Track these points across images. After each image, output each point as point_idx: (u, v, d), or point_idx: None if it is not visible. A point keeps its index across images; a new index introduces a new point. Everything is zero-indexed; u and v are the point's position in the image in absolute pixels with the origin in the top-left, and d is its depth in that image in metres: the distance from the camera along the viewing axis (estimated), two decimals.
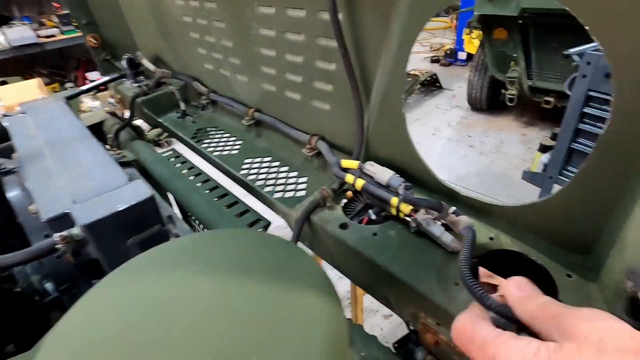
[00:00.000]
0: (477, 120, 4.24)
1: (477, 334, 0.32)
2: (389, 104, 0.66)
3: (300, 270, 0.29)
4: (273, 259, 0.30)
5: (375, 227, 0.65)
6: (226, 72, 1.20)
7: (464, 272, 0.41)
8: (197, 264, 0.29)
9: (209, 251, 0.30)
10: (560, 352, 0.27)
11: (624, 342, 0.25)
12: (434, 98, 4.91)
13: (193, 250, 0.31)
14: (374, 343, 0.63)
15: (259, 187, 0.92)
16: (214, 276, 0.27)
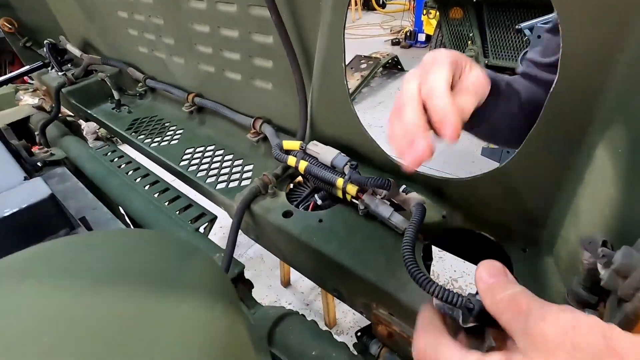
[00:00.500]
0: None
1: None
2: (329, 76, 0.60)
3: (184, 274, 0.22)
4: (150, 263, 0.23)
5: (322, 213, 0.59)
6: (161, 55, 1.09)
7: (406, 254, 0.36)
8: (51, 274, 0.21)
9: (74, 257, 0.23)
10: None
11: (597, 343, 0.21)
12: (396, 81, 4.91)
13: (54, 256, 0.23)
14: (327, 339, 0.58)
15: (200, 179, 0.83)
16: (65, 287, 0.20)
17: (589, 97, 0.37)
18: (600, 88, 0.35)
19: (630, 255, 0.25)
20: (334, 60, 0.57)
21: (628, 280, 0.25)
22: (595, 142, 0.36)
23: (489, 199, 0.51)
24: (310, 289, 2.33)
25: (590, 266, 0.30)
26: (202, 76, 0.98)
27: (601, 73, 0.35)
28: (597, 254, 0.27)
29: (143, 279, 0.21)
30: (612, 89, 0.34)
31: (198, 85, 1.03)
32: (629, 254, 0.25)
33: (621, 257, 0.25)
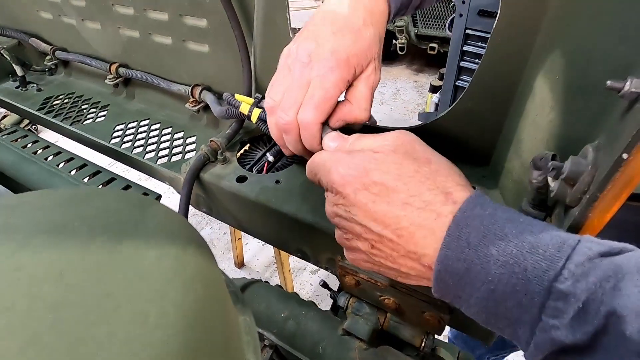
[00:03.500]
0: None
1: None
2: (272, 29, 0.56)
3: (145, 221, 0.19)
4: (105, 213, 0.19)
5: (278, 174, 0.57)
6: (71, 20, 0.94)
7: None
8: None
9: (12, 214, 0.18)
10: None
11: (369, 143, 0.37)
12: None
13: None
14: (294, 300, 0.58)
15: (137, 155, 0.75)
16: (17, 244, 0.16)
17: (527, 33, 0.39)
18: (537, 22, 0.37)
19: (578, 162, 0.27)
20: (276, 11, 0.53)
21: (576, 186, 0.27)
22: (533, 74, 0.39)
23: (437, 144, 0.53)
24: (266, 267, 2.32)
25: (539, 184, 0.32)
26: (124, 43, 0.87)
27: (537, 7, 0.36)
28: (548, 168, 0.29)
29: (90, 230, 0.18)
30: (547, 20, 0.36)
31: (121, 54, 0.91)
32: (577, 162, 0.27)
33: (570, 165, 0.27)
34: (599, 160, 0.25)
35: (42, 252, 0.15)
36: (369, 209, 0.32)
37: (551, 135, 0.36)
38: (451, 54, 2.09)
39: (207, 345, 0.17)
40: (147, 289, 0.15)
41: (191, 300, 0.17)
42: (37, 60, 1.09)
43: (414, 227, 0.30)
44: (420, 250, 0.30)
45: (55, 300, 0.14)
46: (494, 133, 0.48)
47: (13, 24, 1.08)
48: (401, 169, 0.32)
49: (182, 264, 0.18)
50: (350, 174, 0.33)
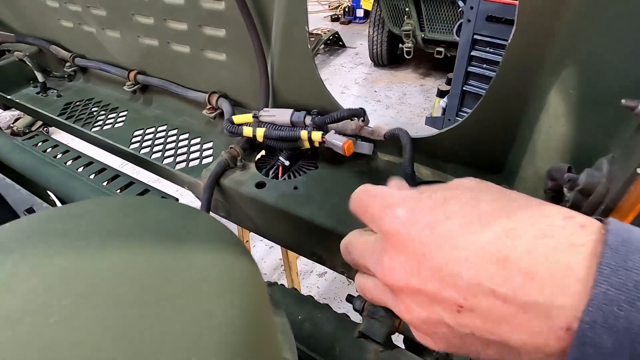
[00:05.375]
0: (380, 76, 4.41)
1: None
2: (291, 40, 0.58)
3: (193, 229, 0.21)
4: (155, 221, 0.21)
5: (296, 181, 0.59)
6: (91, 29, 0.97)
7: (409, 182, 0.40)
8: (52, 238, 0.19)
9: (73, 223, 0.20)
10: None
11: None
12: (338, 57, 4.94)
13: (49, 223, 0.21)
14: (310, 303, 0.59)
15: (156, 160, 0.78)
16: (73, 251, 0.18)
17: (541, 46, 0.40)
18: (551, 35, 0.39)
19: (593, 175, 0.28)
20: (296, 22, 0.55)
21: (592, 197, 0.29)
22: (547, 86, 0.40)
23: (453, 152, 0.55)
24: (273, 269, 2.34)
25: (553, 194, 0.34)
26: (143, 51, 0.90)
27: (552, 21, 0.38)
28: (564, 180, 0.30)
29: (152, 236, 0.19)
30: (561, 34, 0.38)
31: (139, 62, 0.94)
32: (591, 174, 0.29)
33: (585, 178, 0.29)
34: (613, 173, 0.27)
35: (115, 256, 0.17)
36: (455, 244, 0.21)
37: (565, 146, 0.37)
38: (459, 59, 2.10)
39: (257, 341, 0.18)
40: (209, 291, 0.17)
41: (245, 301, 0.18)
42: (57, 66, 1.13)
43: (532, 264, 0.19)
44: (549, 298, 0.19)
45: (134, 299, 0.15)
46: (507, 142, 0.50)
47: (34, 31, 1.12)
48: (494, 195, 0.24)
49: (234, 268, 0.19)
50: (418, 204, 0.24)
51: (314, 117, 0.55)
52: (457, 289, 0.21)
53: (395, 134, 0.52)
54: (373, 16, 4.08)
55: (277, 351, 0.22)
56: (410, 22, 3.63)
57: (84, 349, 0.13)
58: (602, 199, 0.28)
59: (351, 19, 5.94)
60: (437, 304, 0.22)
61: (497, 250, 0.20)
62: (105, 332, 0.14)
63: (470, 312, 0.21)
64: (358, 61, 4.79)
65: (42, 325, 0.14)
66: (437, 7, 3.38)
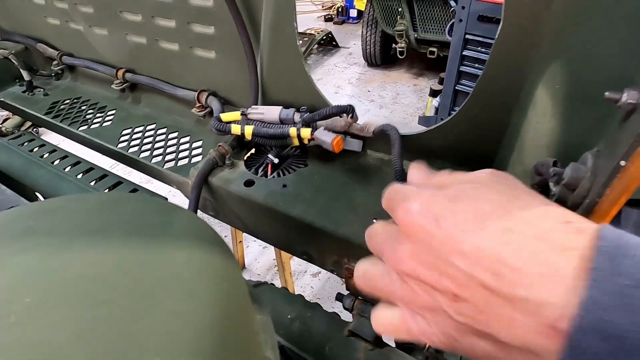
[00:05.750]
0: (373, 76, 4.41)
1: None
2: (280, 37, 0.58)
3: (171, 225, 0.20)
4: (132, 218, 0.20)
5: (285, 178, 0.59)
6: (79, 27, 0.96)
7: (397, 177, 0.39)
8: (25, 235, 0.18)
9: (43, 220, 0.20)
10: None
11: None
12: (332, 57, 4.93)
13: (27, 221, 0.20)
14: (300, 302, 0.59)
15: (144, 159, 0.77)
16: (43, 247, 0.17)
17: (528, 43, 0.40)
18: (538, 32, 0.39)
19: (578, 169, 0.28)
20: (284, 19, 0.55)
21: (577, 190, 0.28)
22: (535, 83, 0.40)
23: (442, 149, 0.55)
24: (267, 269, 2.33)
25: (540, 189, 0.33)
26: (131, 49, 0.89)
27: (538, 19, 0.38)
28: (550, 174, 0.30)
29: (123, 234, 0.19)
30: (547, 31, 0.38)
31: (128, 60, 0.93)
32: (577, 168, 0.28)
33: (570, 172, 0.28)
34: (597, 167, 0.27)
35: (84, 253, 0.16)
36: (455, 239, 0.23)
37: (552, 142, 0.37)
38: (451, 59, 2.11)
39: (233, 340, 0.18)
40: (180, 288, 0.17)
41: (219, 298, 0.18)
42: (44, 65, 1.11)
43: (522, 262, 0.20)
44: (536, 295, 0.19)
45: (100, 298, 0.15)
46: (496, 138, 0.50)
47: (20, 29, 1.10)
48: (500, 194, 0.25)
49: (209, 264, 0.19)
50: (431, 199, 0.26)
51: (303, 114, 0.55)
52: (453, 279, 0.23)
53: (385, 131, 0.51)
54: (366, 16, 4.09)
55: (257, 349, 0.21)
56: (403, 22, 3.64)
57: (43, 350, 0.13)
58: (587, 193, 0.28)
59: (344, 19, 5.94)
60: (437, 292, 0.24)
61: (491, 247, 0.22)
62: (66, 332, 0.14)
63: (465, 302, 0.22)
64: (352, 61, 4.79)
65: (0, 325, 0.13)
66: (430, 7, 3.39)
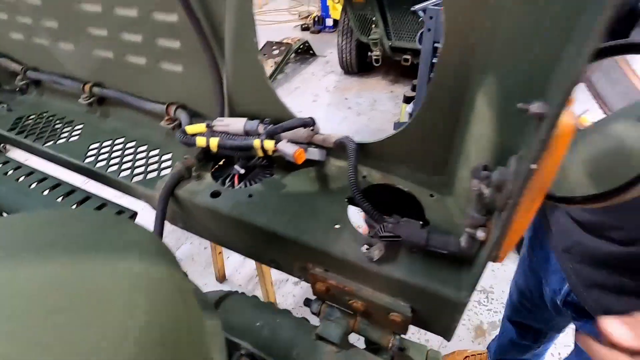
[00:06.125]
0: (350, 83, 4.48)
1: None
2: (242, 52, 0.60)
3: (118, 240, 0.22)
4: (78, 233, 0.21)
5: (251, 189, 0.60)
6: (43, 41, 0.95)
7: (352, 187, 0.41)
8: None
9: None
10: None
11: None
12: (309, 65, 4.98)
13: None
14: (269, 309, 0.60)
15: (111, 173, 0.76)
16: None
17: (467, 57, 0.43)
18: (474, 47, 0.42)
19: (504, 172, 0.31)
20: (245, 35, 0.57)
21: (503, 192, 0.31)
22: (475, 92, 0.44)
23: (400, 155, 0.57)
24: (248, 280, 2.31)
25: (478, 191, 0.36)
26: (98, 63, 0.89)
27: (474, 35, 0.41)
28: (481, 177, 0.33)
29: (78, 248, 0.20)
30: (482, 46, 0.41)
31: (95, 74, 0.92)
32: (503, 172, 0.31)
33: (497, 175, 0.31)
34: (518, 170, 0.30)
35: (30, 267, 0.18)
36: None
37: (490, 147, 0.40)
38: (422, 67, 2.18)
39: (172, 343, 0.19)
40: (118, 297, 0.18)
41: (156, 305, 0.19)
42: (8, 79, 1.08)
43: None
44: None
45: (47, 309, 0.16)
46: (447, 145, 0.53)
47: None
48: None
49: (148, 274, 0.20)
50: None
51: (267, 126, 0.57)
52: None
53: (342, 142, 0.54)
54: (341, 25, 4.16)
55: (203, 352, 0.23)
56: (377, 30, 3.73)
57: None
58: (510, 194, 0.30)
59: (321, 28, 6.02)
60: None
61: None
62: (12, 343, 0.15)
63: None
64: (329, 69, 4.85)
65: None
66: (402, 16, 3.49)
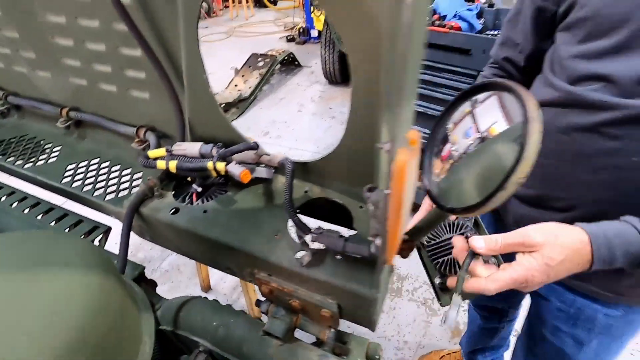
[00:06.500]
0: (334, 93, 4.59)
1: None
2: (195, 85, 0.68)
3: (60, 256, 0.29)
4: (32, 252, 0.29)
5: (206, 205, 0.68)
6: (23, 69, 1.02)
7: (286, 203, 0.50)
8: None
9: None
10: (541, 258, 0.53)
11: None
12: (295, 76, 5.09)
13: None
14: (226, 311, 0.67)
15: (86, 193, 0.84)
16: None
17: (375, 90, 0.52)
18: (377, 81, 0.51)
19: (378, 193, 0.40)
20: (196, 72, 0.65)
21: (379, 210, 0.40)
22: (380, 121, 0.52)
23: (333, 172, 0.66)
24: (232, 289, 2.36)
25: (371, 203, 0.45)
26: (74, 89, 0.96)
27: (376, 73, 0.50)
28: (365, 197, 0.42)
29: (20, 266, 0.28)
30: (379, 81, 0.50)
31: (72, 99, 1.00)
32: (377, 193, 0.40)
33: (374, 196, 0.40)
34: (379, 193, 0.38)
35: None
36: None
37: None
38: None
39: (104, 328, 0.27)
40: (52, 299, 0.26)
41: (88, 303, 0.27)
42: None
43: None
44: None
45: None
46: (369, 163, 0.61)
47: None
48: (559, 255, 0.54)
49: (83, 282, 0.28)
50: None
51: (219, 150, 0.65)
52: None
53: (282, 163, 0.62)
54: (324, 37, 4.28)
55: (134, 335, 0.30)
56: None
57: None
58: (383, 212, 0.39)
59: (306, 39, 6.14)
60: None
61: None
62: None
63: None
64: (313, 79, 4.95)
65: None
66: None
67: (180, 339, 0.66)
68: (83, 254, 0.31)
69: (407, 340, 2.00)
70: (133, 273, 0.72)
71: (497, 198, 0.41)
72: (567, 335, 0.87)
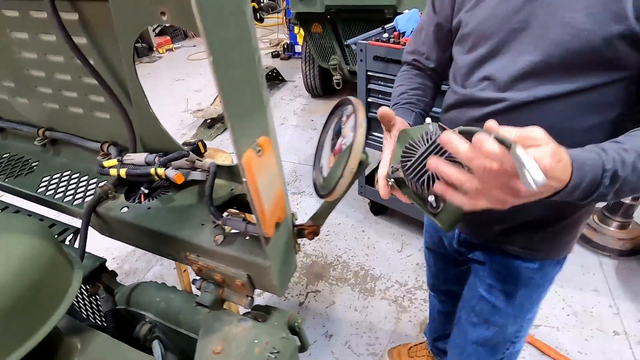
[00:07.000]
0: (317, 106, 4.78)
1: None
2: (138, 106, 0.84)
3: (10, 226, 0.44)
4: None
5: (151, 203, 0.83)
6: (4, 96, 1.17)
7: (207, 200, 0.64)
8: None
9: None
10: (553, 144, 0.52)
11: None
12: (279, 91, 5.29)
13: None
14: (170, 290, 0.82)
15: (58, 199, 0.98)
16: None
17: None
18: None
19: None
20: (138, 95, 0.81)
21: None
22: None
23: None
24: None
25: None
26: (49, 112, 1.12)
27: None
28: None
29: None
30: None
31: (47, 121, 1.15)
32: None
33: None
34: None
35: None
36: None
37: None
38: (359, 92, 2.47)
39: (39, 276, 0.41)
40: None
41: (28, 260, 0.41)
42: None
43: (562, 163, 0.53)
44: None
45: None
46: None
47: None
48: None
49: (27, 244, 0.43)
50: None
51: (160, 158, 0.80)
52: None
53: (209, 167, 0.77)
54: (304, 53, 4.48)
55: (65, 281, 0.44)
56: (336, 57, 4.03)
57: None
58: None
59: (291, 55, 6.36)
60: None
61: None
62: None
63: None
64: (297, 93, 5.15)
65: None
66: None
67: (131, 314, 0.80)
68: (28, 224, 0.46)
69: (378, 336, 2.12)
70: (94, 264, 0.87)
71: (339, 185, 0.56)
72: (499, 291, 1.02)
